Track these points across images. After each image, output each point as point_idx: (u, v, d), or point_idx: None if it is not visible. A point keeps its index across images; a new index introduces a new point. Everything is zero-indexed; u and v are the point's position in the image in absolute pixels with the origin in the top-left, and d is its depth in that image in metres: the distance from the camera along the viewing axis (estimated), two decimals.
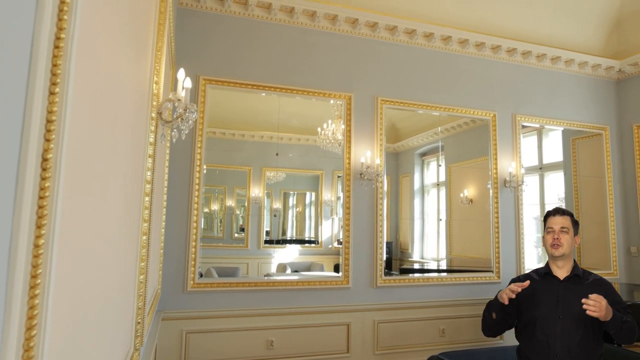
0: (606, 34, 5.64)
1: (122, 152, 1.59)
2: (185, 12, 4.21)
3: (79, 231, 0.99)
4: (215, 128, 4.64)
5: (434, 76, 5.00)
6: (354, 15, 4.51)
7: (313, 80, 4.51)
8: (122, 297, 1.74)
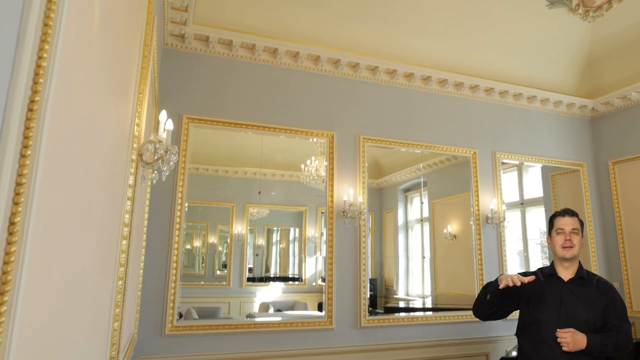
0: (578, 74, 5.87)
1: (98, 200, 1.56)
2: (170, 52, 4.26)
3: (46, 283, 0.95)
4: (198, 164, 4.62)
5: (415, 114, 5.11)
6: (336, 56, 4.63)
7: (296, 119, 4.56)
8: (94, 348, 1.67)
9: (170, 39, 4.25)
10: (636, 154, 5.54)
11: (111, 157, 1.82)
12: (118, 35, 1.79)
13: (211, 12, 4.23)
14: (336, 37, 4.67)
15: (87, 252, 1.43)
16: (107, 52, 1.56)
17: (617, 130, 5.84)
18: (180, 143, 4.11)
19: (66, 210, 1.10)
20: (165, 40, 4.18)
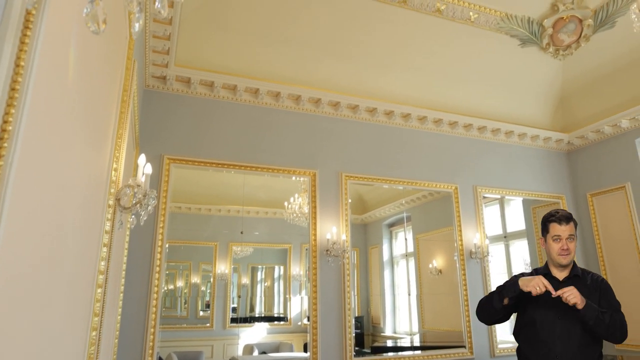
0: (553, 109, 6.06)
1: (70, 248, 1.52)
2: (152, 93, 4.29)
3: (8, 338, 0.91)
4: (180, 203, 4.57)
5: (396, 151, 5.18)
6: (316, 95, 4.71)
7: (278, 158, 4.58)
8: None
9: (152, 80, 4.28)
10: (613, 185, 5.66)
11: (85, 205, 1.79)
12: (95, 82, 1.80)
13: (192, 54, 4.29)
14: (317, 77, 4.77)
15: (57, 303, 1.38)
16: (83, 100, 1.56)
17: (593, 162, 5.98)
18: (161, 184, 4.08)
19: (32, 262, 1.07)
20: (146, 82, 4.21)
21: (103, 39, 1.82)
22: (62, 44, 1.20)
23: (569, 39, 5.27)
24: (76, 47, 1.35)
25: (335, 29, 4.60)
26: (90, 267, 2.04)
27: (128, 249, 3.77)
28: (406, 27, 4.73)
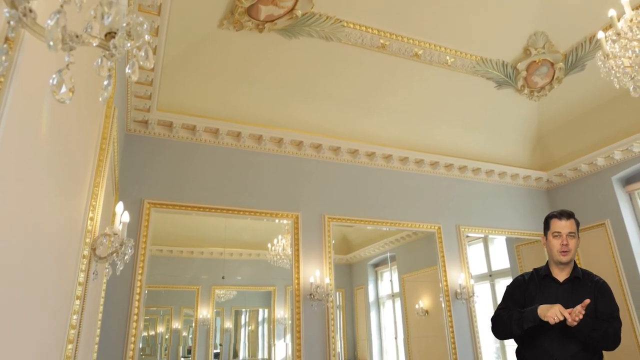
0: (531, 148, 6.20)
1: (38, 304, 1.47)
2: (133, 137, 4.28)
3: None
4: (161, 245, 4.49)
5: (378, 192, 5.20)
6: (298, 138, 4.75)
7: (260, 201, 4.56)
8: None
9: (134, 125, 4.28)
10: (593, 222, 5.73)
11: (58, 257, 1.74)
12: (72, 132, 1.78)
13: (174, 99, 4.33)
14: (298, 120, 4.83)
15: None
16: (58, 152, 1.54)
17: (573, 200, 6.08)
18: (140, 229, 4.00)
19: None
20: (128, 126, 4.21)
21: (81, 90, 1.82)
22: (32, 103, 1.20)
23: (542, 81, 5.46)
24: (51, 102, 1.34)
25: (316, 73, 4.70)
26: (61, 322, 1.96)
27: (105, 296, 3.65)
28: (385, 71, 4.86)
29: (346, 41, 4.48)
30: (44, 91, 1.28)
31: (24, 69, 1.03)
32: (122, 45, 0.88)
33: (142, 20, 0.95)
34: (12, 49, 0.94)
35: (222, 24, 4.13)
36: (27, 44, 1.02)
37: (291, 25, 4.28)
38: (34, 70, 1.14)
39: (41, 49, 1.02)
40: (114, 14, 0.72)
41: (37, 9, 0.83)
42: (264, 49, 4.40)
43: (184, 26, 3.98)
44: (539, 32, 4.93)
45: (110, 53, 0.93)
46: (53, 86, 0.81)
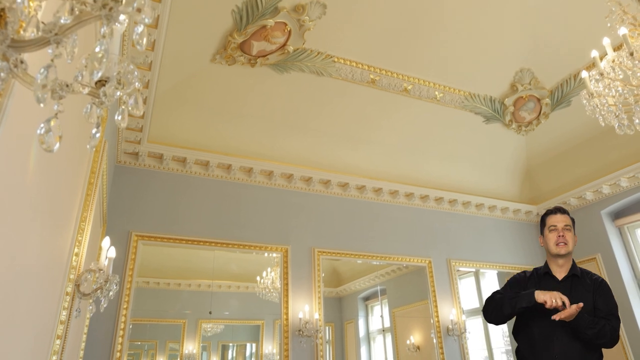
0: (520, 182, 6.26)
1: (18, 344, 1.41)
2: (123, 169, 4.25)
3: None
4: (148, 277, 4.40)
5: (368, 225, 5.19)
6: (288, 170, 4.76)
7: (249, 233, 4.52)
8: None
9: (124, 156, 4.27)
10: (584, 257, 5.72)
11: (41, 294, 1.70)
12: (61, 168, 1.77)
13: (165, 131, 4.34)
14: (288, 152, 4.85)
15: None
16: (45, 189, 1.52)
17: None
18: (127, 262, 3.93)
19: None
20: (118, 158, 4.19)
21: (72, 125, 1.82)
22: (21, 144, 1.19)
23: (529, 116, 5.58)
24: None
25: (306, 106, 4.76)
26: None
27: (87, 332, 3.54)
28: (375, 105, 4.93)
29: (337, 76, 4.56)
30: (33, 132, 1.27)
31: (14, 113, 1.03)
32: (112, 94, 0.88)
33: (132, 67, 0.96)
34: (1, 96, 0.94)
35: (214, 58, 4.19)
36: (17, 89, 1.03)
37: (283, 60, 4.35)
38: (23, 112, 1.14)
39: (31, 95, 1.02)
40: (104, 69, 0.72)
41: (29, 56, 0.84)
42: (255, 83, 4.46)
43: (177, 60, 4.03)
44: (524, 69, 5.07)
45: (100, 101, 0.93)
46: (40, 135, 0.81)
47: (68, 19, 0.72)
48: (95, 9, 0.67)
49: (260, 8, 3.87)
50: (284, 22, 4.04)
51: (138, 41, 0.75)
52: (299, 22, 4.06)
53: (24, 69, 0.80)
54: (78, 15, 0.71)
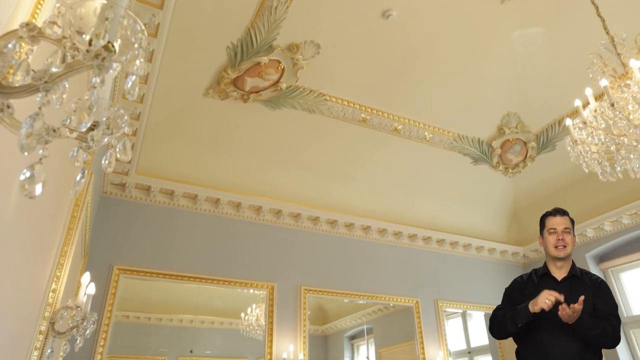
0: (507, 223, 6.30)
1: None
2: (109, 200, 4.19)
3: None
4: (128, 311, 4.26)
5: (356, 263, 5.13)
6: (277, 206, 4.73)
7: (236, 269, 4.44)
8: None
9: (111, 187, 4.21)
10: None
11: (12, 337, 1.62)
12: (43, 201, 1.73)
13: (154, 163, 4.31)
14: (278, 189, 4.84)
15: None
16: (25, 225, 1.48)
17: None
18: (107, 297, 3.81)
19: None
20: (104, 189, 4.13)
21: (57, 159, 1.79)
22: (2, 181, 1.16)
23: (516, 159, 5.67)
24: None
25: (297, 143, 4.78)
26: None
27: None
28: (366, 143, 4.98)
29: (328, 114, 4.62)
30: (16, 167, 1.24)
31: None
32: (100, 139, 0.87)
33: (123, 112, 0.95)
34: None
35: (207, 92, 4.22)
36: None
37: (275, 97, 4.40)
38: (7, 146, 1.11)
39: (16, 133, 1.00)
40: (92, 120, 0.71)
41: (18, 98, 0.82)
42: (247, 118, 4.49)
43: (170, 93, 4.05)
44: (511, 113, 5.19)
45: (87, 145, 0.91)
46: (22, 182, 0.78)
47: (59, 67, 0.71)
48: (87, 59, 0.67)
49: (255, 45, 3.94)
50: (277, 60, 4.11)
51: (129, 91, 0.74)
52: (292, 60, 4.13)
53: (10, 114, 0.78)
54: (70, 64, 0.70)
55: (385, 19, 3.91)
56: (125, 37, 0.71)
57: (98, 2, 0.68)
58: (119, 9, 0.68)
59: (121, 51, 0.72)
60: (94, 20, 0.71)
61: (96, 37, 0.65)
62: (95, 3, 0.68)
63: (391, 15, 3.88)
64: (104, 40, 0.65)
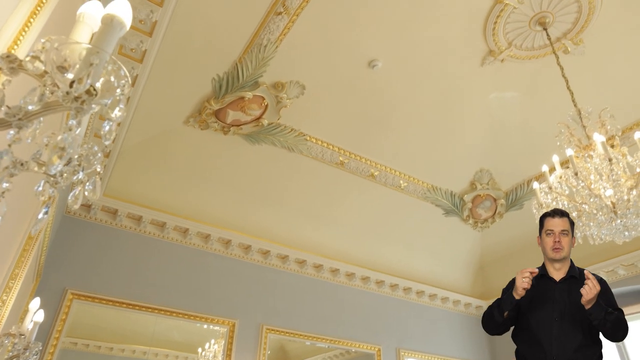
0: (473, 276, 6.36)
1: None
2: (71, 220, 4.03)
3: None
4: (76, 338, 4.01)
5: (321, 306, 5.05)
6: (247, 242, 4.66)
7: (197, 303, 4.29)
8: None
9: None
10: None
11: None
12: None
13: (125, 186, 4.21)
14: (249, 223, 4.77)
15: None
16: None
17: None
18: (55, 322, 3.61)
19: None
20: (69, 208, 3.99)
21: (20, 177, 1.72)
22: None
23: (485, 214, 5.80)
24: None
25: (273, 179, 4.77)
26: None
27: None
28: (341, 186, 5.01)
29: (307, 154, 4.65)
30: None
31: None
32: (69, 177, 0.84)
33: (96, 149, 0.93)
34: None
35: (188, 121, 4.20)
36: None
37: (256, 132, 4.42)
38: None
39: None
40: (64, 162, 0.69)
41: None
42: (226, 150, 4.47)
43: (149, 117, 4.01)
44: (484, 169, 5.34)
45: (55, 181, 0.88)
46: None
47: (36, 104, 0.69)
48: (66, 101, 0.65)
49: (240, 80, 3.98)
50: (262, 96, 4.15)
51: (105, 136, 0.73)
52: (277, 98, 4.18)
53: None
54: (47, 103, 0.68)
55: (371, 68, 4.03)
56: (108, 81, 0.70)
57: (84, 45, 0.68)
58: (105, 55, 0.67)
59: (102, 94, 0.71)
60: (78, 63, 0.70)
61: (79, 81, 0.64)
62: (81, 47, 0.67)
63: (377, 65, 4.01)
64: (86, 86, 0.64)
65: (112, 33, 0.71)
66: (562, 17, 3.74)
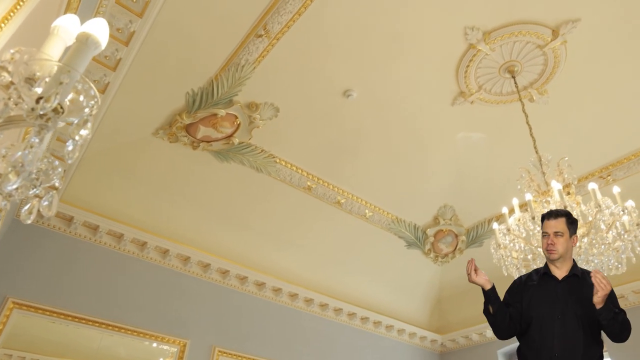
0: (430, 310, 6.42)
1: None
2: (20, 224, 3.82)
3: None
4: (12, 349, 3.76)
5: (277, 330, 4.95)
6: (206, 259, 4.56)
7: (146, 319, 4.11)
8: None
9: None
10: None
11: None
12: None
13: (84, 193, 4.06)
14: (210, 241, 4.68)
15: None
16: None
17: None
18: None
19: None
20: (19, 211, 3.80)
21: None
22: None
23: (446, 249, 5.90)
24: None
25: (239, 199, 4.72)
26: None
27: None
28: (307, 211, 5.00)
29: (275, 176, 4.64)
30: None
31: None
32: (25, 192, 0.80)
33: (57, 164, 0.90)
34: None
35: (157, 132, 4.13)
36: None
37: (226, 150, 4.38)
38: None
39: None
40: (21, 181, 0.66)
41: None
42: (192, 165, 4.40)
43: (118, 125, 3.92)
44: (448, 205, 5.47)
45: (8, 194, 0.84)
46: None
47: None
48: (30, 117, 0.63)
49: (215, 97, 3.96)
50: (235, 114, 4.14)
51: (68, 155, 0.70)
52: (250, 118, 4.18)
53: None
54: (10, 118, 0.66)
55: (345, 97, 4.10)
56: (76, 100, 0.68)
57: (55, 63, 0.66)
58: (76, 75, 0.66)
59: (69, 113, 0.69)
60: (47, 77, 0.68)
61: (46, 99, 0.62)
62: (52, 64, 0.65)
63: (351, 95, 4.08)
64: (53, 104, 0.62)
65: (86, 52, 0.70)
66: (530, 68, 3.94)
